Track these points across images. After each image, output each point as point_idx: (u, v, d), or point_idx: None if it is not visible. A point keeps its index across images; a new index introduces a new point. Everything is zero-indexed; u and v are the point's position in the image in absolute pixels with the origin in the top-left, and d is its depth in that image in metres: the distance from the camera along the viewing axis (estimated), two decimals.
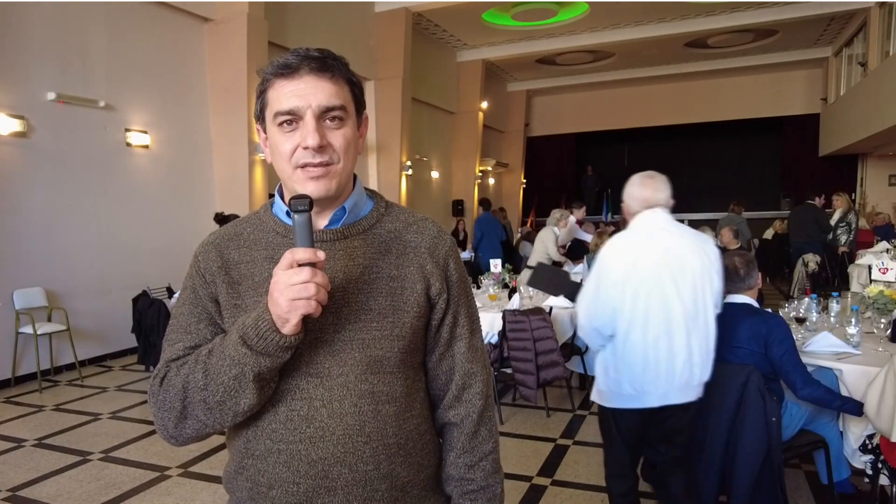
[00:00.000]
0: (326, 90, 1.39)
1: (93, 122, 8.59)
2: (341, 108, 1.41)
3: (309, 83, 1.39)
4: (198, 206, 10.22)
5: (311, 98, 1.38)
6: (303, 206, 1.27)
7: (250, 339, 1.30)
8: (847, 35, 17.27)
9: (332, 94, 1.40)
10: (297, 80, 1.39)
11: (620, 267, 3.24)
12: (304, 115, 1.38)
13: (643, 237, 3.28)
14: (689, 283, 3.19)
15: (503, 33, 17.26)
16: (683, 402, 3.25)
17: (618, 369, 3.29)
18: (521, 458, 5.15)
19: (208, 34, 10.35)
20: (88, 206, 8.57)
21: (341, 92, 1.42)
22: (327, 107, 1.39)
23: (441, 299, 1.54)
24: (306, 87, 1.38)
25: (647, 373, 3.21)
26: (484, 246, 12.62)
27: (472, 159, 19.57)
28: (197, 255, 1.53)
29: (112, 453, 5.47)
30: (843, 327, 4.58)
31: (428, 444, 1.55)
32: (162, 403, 1.41)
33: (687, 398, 3.25)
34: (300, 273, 1.24)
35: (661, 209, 3.31)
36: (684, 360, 3.19)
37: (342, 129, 1.42)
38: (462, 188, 19.48)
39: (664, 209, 3.32)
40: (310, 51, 1.41)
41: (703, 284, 3.21)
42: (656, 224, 3.29)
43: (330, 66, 1.41)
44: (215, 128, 10.50)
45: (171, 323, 1.52)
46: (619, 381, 3.29)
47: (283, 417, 1.41)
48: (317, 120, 1.38)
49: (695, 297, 3.19)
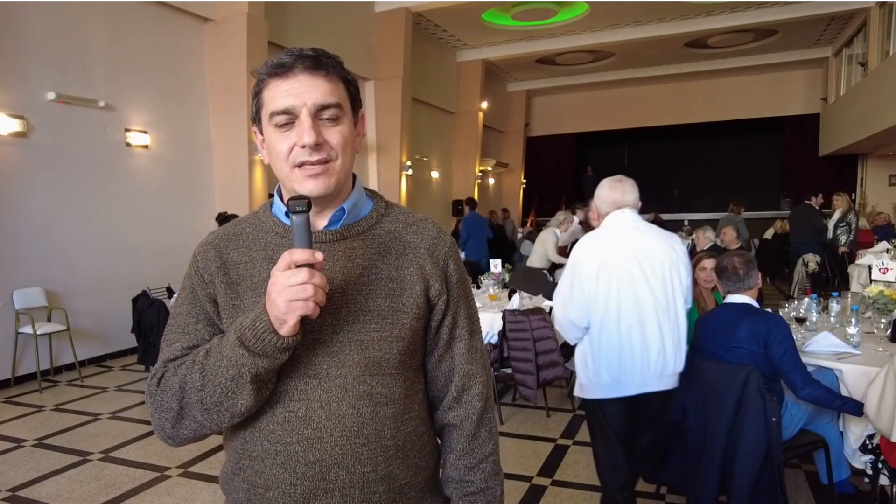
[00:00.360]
0: (321, 88, 1.39)
1: (93, 122, 8.59)
2: (337, 105, 1.41)
3: (303, 82, 1.38)
4: (198, 206, 10.23)
5: (307, 96, 1.38)
6: (301, 206, 1.26)
7: (248, 340, 1.29)
8: (847, 35, 17.27)
9: (327, 92, 1.39)
10: (291, 79, 1.39)
11: (593, 263, 3.45)
12: (299, 114, 1.38)
13: (614, 236, 3.50)
14: (659, 277, 3.41)
15: (503, 33, 17.26)
16: (660, 389, 3.45)
17: (595, 360, 3.49)
18: (520, 459, 5.14)
19: (208, 34, 10.35)
20: (88, 206, 8.57)
21: (336, 90, 1.42)
22: (322, 104, 1.39)
23: (440, 300, 1.53)
24: (301, 86, 1.38)
25: (622, 361, 3.42)
26: (470, 245, 12.65)
27: (472, 159, 19.58)
28: (196, 256, 1.53)
29: (112, 453, 5.47)
30: (844, 327, 4.59)
31: (426, 446, 1.55)
32: (159, 404, 1.41)
33: (663, 386, 3.45)
34: (298, 274, 1.23)
35: (629, 210, 3.55)
36: (658, 349, 3.40)
37: (338, 127, 1.42)
38: (462, 188, 19.47)
39: (632, 210, 3.56)
40: (304, 50, 1.41)
41: (672, 278, 3.43)
42: (626, 223, 3.52)
43: (324, 65, 1.41)
44: (215, 128, 10.50)
45: (170, 323, 1.52)
46: (598, 371, 3.48)
47: (281, 419, 1.40)
48: (312, 118, 1.38)
49: (665, 291, 3.41)
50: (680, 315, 3.45)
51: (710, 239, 8.36)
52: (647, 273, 3.40)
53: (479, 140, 19.70)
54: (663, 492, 4.42)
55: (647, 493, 4.42)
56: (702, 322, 3.92)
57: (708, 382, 3.54)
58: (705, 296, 5.13)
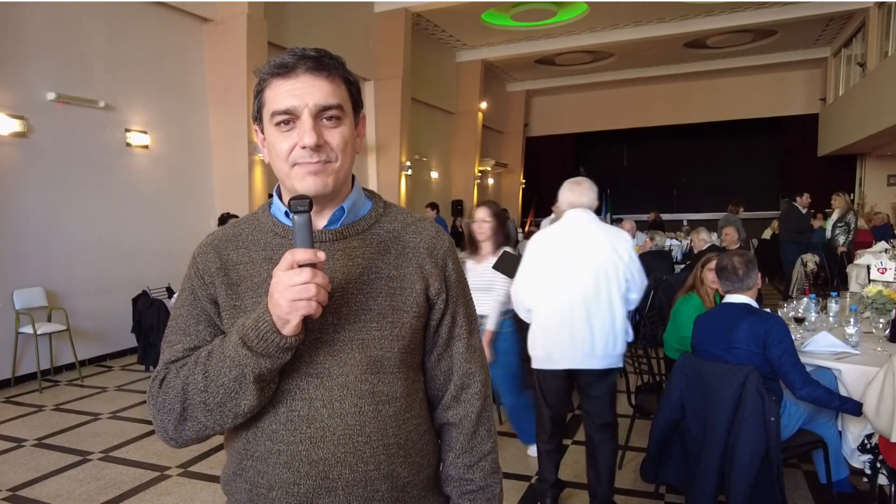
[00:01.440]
0: (323, 89, 1.39)
1: (92, 122, 8.59)
2: (338, 106, 1.41)
3: (305, 82, 1.39)
4: (197, 207, 10.24)
5: (308, 97, 1.38)
6: (303, 206, 1.27)
7: (251, 340, 1.30)
8: (846, 35, 17.29)
9: (328, 93, 1.40)
10: (293, 79, 1.39)
11: (538, 253, 4.06)
12: (300, 115, 1.38)
13: (563, 231, 4.03)
14: (591, 270, 3.86)
15: (502, 33, 17.27)
16: (592, 367, 3.90)
17: (534, 335, 4.05)
18: (520, 459, 5.14)
19: (208, 34, 10.35)
20: (88, 206, 8.57)
21: (338, 91, 1.42)
22: (324, 105, 1.39)
23: (440, 299, 1.54)
24: (303, 87, 1.39)
25: (551, 339, 3.95)
26: None
27: (471, 159, 19.59)
28: (195, 257, 1.53)
29: (112, 453, 5.47)
30: (842, 327, 4.59)
31: (427, 445, 1.55)
32: (161, 405, 1.40)
33: (593, 366, 3.89)
34: (300, 274, 1.23)
35: (582, 209, 4.01)
36: (585, 332, 3.85)
37: (339, 128, 1.42)
38: (461, 188, 19.49)
39: (586, 210, 4.02)
40: (306, 50, 1.41)
41: (608, 273, 3.86)
42: (577, 221, 3.99)
43: (326, 65, 1.41)
44: (215, 128, 10.50)
45: (170, 324, 1.52)
46: (535, 345, 4.04)
47: (284, 418, 1.40)
48: (314, 119, 1.38)
49: (596, 283, 3.85)
50: (615, 305, 3.87)
51: (705, 240, 8.34)
52: (583, 265, 3.87)
53: (478, 140, 19.72)
54: (662, 491, 4.42)
55: (647, 493, 4.43)
56: (700, 322, 3.93)
57: (706, 382, 3.55)
58: (709, 293, 5.08)
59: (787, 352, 3.55)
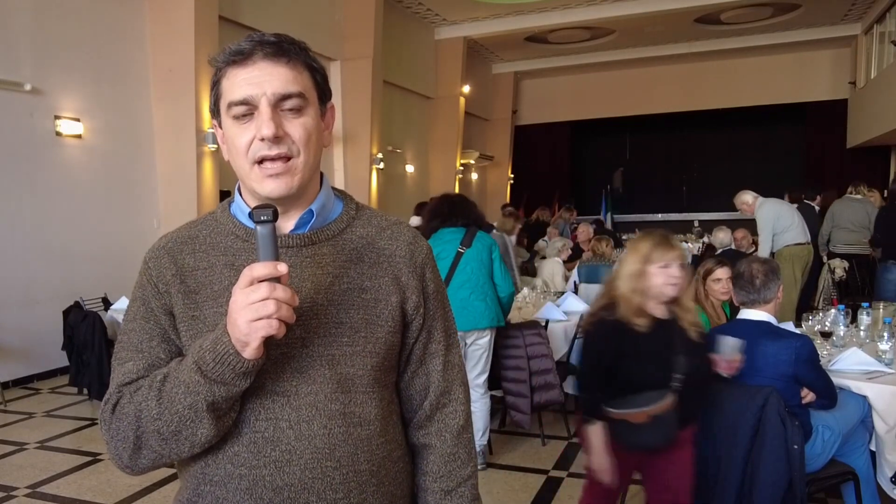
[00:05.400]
0: (282, 76, 1.42)
1: (17, 107, 8.53)
2: (299, 95, 1.44)
3: (263, 69, 1.42)
4: (138, 205, 10.17)
5: (266, 85, 1.41)
6: (266, 216, 1.28)
7: (206, 364, 1.31)
8: (879, 10, 17.28)
9: (288, 81, 1.43)
10: (250, 66, 1.42)
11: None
12: (258, 104, 1.40)
13: None
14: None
15: (487, 7, 17.22)
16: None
17: None
18: (508, 492, 5.16)
19: (150, 8, 10.28)
20: (12, 203, 8.49)
21: (299, 78, 1.45)
22: (283, 94, 1.42)
23: (418, 314, 1.57)
24: (261, 74, 1.41)
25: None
26: None
27: (451, 151, 19.56)
28: (147, 262, 1.54)
29: (40, 488, 5.43)
30: (875, 342, 4.61)
31: (402, 472, 1.58)
32: (115, 433, 1.42)
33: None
34: (258, 290, 1.25)
35: None
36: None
37: (301, 119, 1.45)
38: (441, 184, 19.38)
39: None
40: (265, 35, 1.44)
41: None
42: None
43: (286, 51, 1.44)
44: (158, 115, 10.44)
45: (121, 339, 1.53)
46: None
47: (247, 440, 1.42)
48: (272, 108, 1.41)
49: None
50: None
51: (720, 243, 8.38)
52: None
53: (460, 129, 19.67)
54: None
55: None
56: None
57: (721, 405, 3.55)
58: (717, 308, 5.06)
59: (819, 378, 3.57)
